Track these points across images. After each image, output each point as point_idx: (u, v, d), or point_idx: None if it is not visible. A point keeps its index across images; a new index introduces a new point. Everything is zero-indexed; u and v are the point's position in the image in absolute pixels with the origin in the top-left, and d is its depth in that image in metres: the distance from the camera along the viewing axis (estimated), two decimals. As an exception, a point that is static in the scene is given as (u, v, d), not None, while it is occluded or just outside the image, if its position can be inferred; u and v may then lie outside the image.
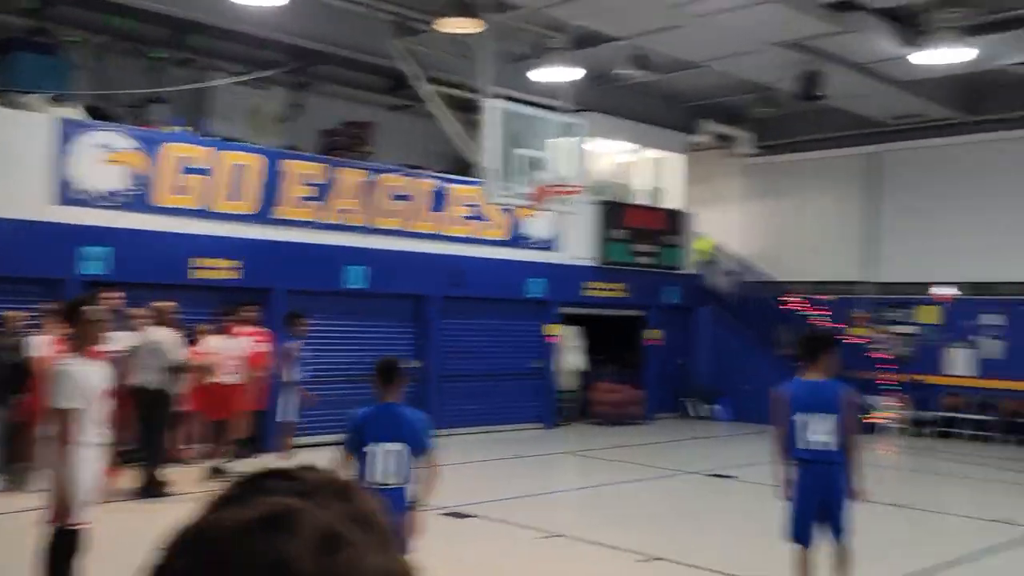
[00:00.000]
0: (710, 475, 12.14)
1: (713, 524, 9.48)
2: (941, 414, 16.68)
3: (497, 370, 15.55)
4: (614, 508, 10.20)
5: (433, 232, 14.48)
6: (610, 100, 16.46)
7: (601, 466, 12.89)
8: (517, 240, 15.63)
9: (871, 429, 16.22)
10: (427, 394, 13.51)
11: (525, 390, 15.93)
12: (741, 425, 16.78)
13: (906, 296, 17.50)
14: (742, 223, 19.79)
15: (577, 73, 13.43)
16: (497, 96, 12.14)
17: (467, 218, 14.85)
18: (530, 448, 13.90)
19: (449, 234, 14.67)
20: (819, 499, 6.00)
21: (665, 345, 18.17)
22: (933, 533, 9.39)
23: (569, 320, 16.80)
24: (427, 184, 14.45)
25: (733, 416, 17.70)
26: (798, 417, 5.99)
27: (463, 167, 14.45)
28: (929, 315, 17.28)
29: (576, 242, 16.44)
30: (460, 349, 14.95)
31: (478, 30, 11.71)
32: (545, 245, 16.01)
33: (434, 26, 12.20)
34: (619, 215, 17.37)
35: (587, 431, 16.09)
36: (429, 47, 13.33)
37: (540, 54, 13.26)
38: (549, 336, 16.26)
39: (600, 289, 17.00)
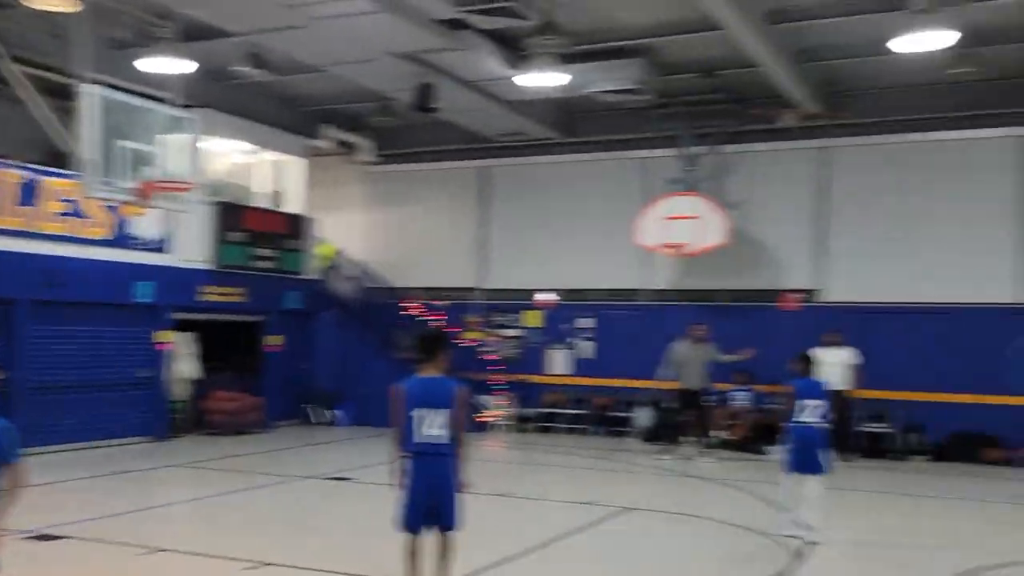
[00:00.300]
0: (326, 479, 12.13)
1: (326, 526, 9.46)
2: (543, 410, 18.15)
3: (99, 380, 14.29)
4: (225, 518, 9.81)
5: (21, 229, 12.99)
6: (228, 98, 15.92)
7: (214, 477, 12.35)
8: (123, 240, 14.52)
9: (484, 427, 17.23)
10: (13, 408, 12.06)
11: (132, 401, 14.83)
12: (361, 429, 17.00)
13: (513, 301, 18.81)
14: (364, 229, 20.11)
15: (189, 66, 12.80)
16: (96, 83, 11.19)
17: (63, 214, 13.52)
18: (136, 463, 12.96)
19: (41, 231, 13.26)
20: (430, 490, 6.21)
21: (287, 351, 17.90)
22: (531, 518, 10.14)
23: (183, 326, 15.94)
24: (13, 175, 12.93)
25: (354, 420, 17.87)
26: (415, 412, 6.16)
27: (60, 158, 13.13)
28: (533, 319, 18.72)
29: (189, 244, 15.64)
30: (55, 358, 13.57)
31: (73, 9, 10.69)
32: (155, 246, 15.04)
33: (22, 0, 10.96)
34: (237, 217, 16.82)
35: (202, 442, 15.35)
36: (14, 23, 11.96)
37: (147, 43, 12.45)
38: (160, 343, 15.30)
39: (216, 293, 16.33)
